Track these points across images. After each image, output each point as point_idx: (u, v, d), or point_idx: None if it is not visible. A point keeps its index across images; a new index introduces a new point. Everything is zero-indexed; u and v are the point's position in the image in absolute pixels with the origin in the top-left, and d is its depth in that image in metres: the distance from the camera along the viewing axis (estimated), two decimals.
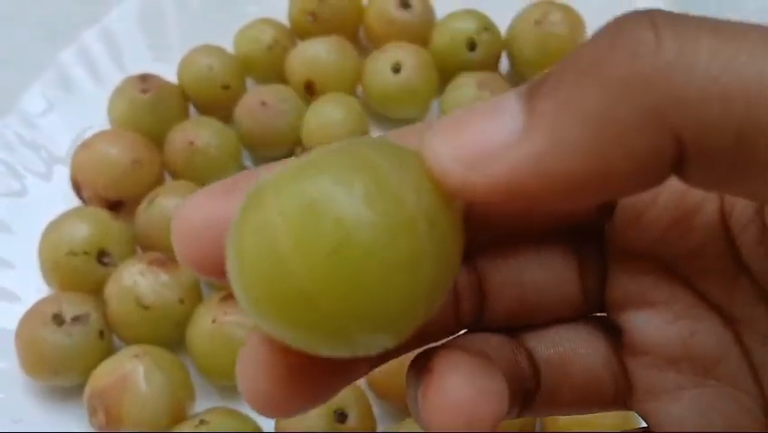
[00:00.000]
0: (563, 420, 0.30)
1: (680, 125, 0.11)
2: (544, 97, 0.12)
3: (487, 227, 0.16)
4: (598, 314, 0.18)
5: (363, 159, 0.12)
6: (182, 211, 0.14)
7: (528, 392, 0.17)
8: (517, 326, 0.17)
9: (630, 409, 0.17)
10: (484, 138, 0.12)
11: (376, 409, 0.32)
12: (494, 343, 0.17)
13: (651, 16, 0.11)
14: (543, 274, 0.17)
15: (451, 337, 0.17)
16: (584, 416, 0.29)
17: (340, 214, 0.11)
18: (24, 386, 0.34)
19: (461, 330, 0.17)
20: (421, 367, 0.15)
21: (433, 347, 0.16)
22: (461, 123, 0.12)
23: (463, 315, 0.17)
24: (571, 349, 0.17)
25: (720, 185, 0.12)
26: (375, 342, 0.12)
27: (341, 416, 0.30)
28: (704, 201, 0.16)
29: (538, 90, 0.12)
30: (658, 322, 0.17)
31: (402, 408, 0.33)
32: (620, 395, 0.17)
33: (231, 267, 0.13)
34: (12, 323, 0.34)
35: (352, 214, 0.11)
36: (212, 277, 0.14)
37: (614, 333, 0.17)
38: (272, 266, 0.12)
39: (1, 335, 0.34)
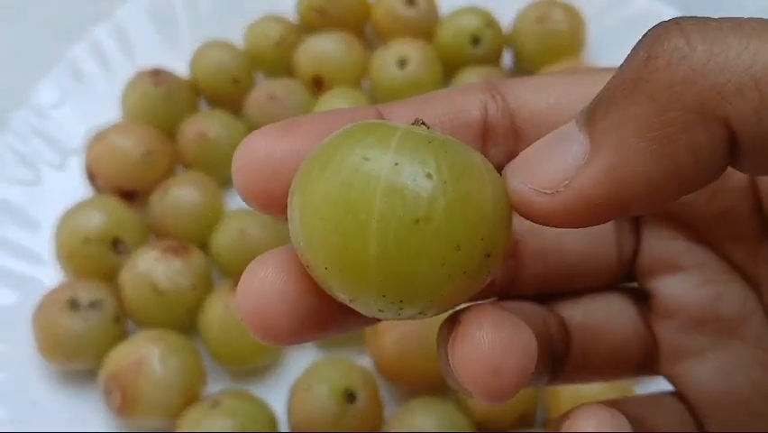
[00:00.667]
0: (567, 403, 0.31)
1: (726, 115, 0.12)
2: (601, 119, 0.13)
3: None
4: (629, 285, 0.19)
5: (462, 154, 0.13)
6: (242, 149, 0.15)
7: (558, 359, 0.18)
8: (549, 293, 0.18)
9: (657, 373, 0.19)
10: (556, 166, 0.13)
11: (383, 392, 0.33)
12: (526, 309, 0.17)
13: (679, 25, 0.12)
14: (584, 241, 0.18)
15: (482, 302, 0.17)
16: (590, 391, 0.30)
17: (424, 193, 0.12)
18: (41, 370, 0.35)
19: (493, 296, 0.18)
20: (451, 322, 0.15)
21: (463, 306, 0.16)
22: (531, 159, 0.13)
23: (497, 280, 0.18)
24: (602, 317, 0.18)
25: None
26: (420, 304, 0.13)
27: (350, 397, 0.31)
28: None
29: (594, 113, 0.13)
30: (687, 286, 0.18)
31: (408, 390, 0.33)
32: (647, 360, 0.18)
33: (297, 202, 0.13)
34: (29, 308, 0.34)
35: (433, 195, 0.12)
36: (268, 211, 0.15)
37: (642, 301, 0.18)
38: (346, 214, 0.12)
39: (18, 320, 0.35)
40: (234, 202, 0.40)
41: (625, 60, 0.13)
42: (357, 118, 0.15)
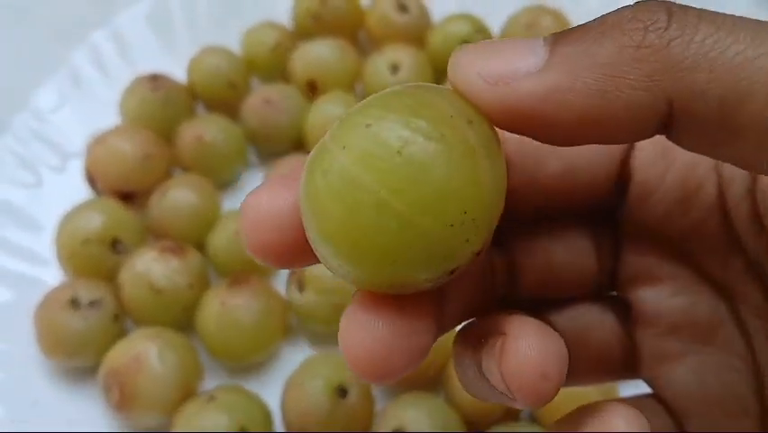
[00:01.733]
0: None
1: (672, 90, 0.13)
2: (567, 44, 0.13)
3: (517, 212, 0.18)
4: (610, 294, 0.20)
5: (403, 91, 0.14)
6: (248, 205, 0.15)
7: None
8: (541, 301, 0.19)
9: (638, 377, 0.19)
10: (509, 64, 0.14)
11: (374, 387, 0.34)
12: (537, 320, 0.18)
13: (667, 5, 0.13)
14: (566, 256, 0.19)
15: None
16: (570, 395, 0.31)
17: (393, 126, 0.13)
18: (41, 368, 0.36)
19: (493, 305, 0.19)
20: (481, 334, 0.16)
21: (483, 318, 0.17)
22: (489, 49, 0.14)
23: (497, 292, 0.19)
24: (586, 325, 0.19)
25: (706, 147, 0.14)
26: (457, 241, 0.13)
27: (342, 392, 0.32)
28: (705, 180, 0.17)
29: (564, 37, 0.14)
30: (663, 295, 0.19)
31: (397, 386, 0.34)
32: (629, 365, 0.19)
33: (307, 218, 0.14)
34: (30, 307, 0.35)
35: (405, 124, 0.13)
36: (282, 264, 0.15)
37: (624, 309, 0.19)
38: (345, 191, 0.13)
39: (19, 319, 0.36)
40: (230, 204, 0.41)
41: (612, 12, 0.14)
42: None
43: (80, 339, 0.35)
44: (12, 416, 0.34)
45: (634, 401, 0.19)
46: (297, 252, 0.15)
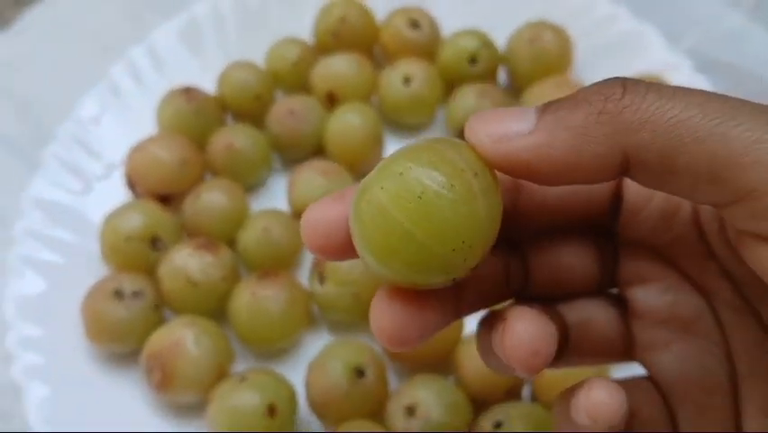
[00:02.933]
0: (549, 379, 0.35)
1: (625, 145, 0.17)
2: (550, 112, 0.17)
3: (530, 226, 0.22)
4: (611, 290, 0.24)
5: (429, 146, 0.18)
6: (308, 216, 0.19)
7: (560, 349, 0.22)
8: (552, 297, 0.23)
9: (634, 360, 0.23)
10: (508, 128, 0.17)
11: (389, 370, 0.37)
12: (536, 309, 0.22)
13: (623, 81, 0.17)
14: (572, 260, 0.23)
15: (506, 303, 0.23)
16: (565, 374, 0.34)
17: (418, 176, 0.17)
18: (87, 352, 0.39)
19: (510, 299, 0.23)
20: (494, 319, 0.20)
21: (496, 308, 0.21)
22: (495, 116, 0.18)
23: (513, 288, 0.23)
24: (591, 316, 0.23)
25: (655, 185, 0.18)
26: (457, 260, 0.17)
27: (359, 373, 0.35)
28: (683, 202, 0.21)
29: (548, 107, 0.18)
30: (653, 293, 0.22)
31: (410, 367, 0.37)
32: (625, 350, 0.23)
33: (354, 232, 0.18)
34: (72, 298, 0.38)
35: (426, 175, 0.17)
36: (332, 258, 0.19)
37: (621, 304, 0.23)
38: (381, 219, 0.17)
39: (66, 308, 0.39)
40: (257, 205, 0.44)
41: (584, 87, 0.18)
42: None
43: (123, 326, 0.37)
44: (58, 395, 0.37)
45: (630, 381, 0.23)
46: (343, 250, 0.19)
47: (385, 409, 0.35)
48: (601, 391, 0.19)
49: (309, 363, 0.36)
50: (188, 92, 0.45)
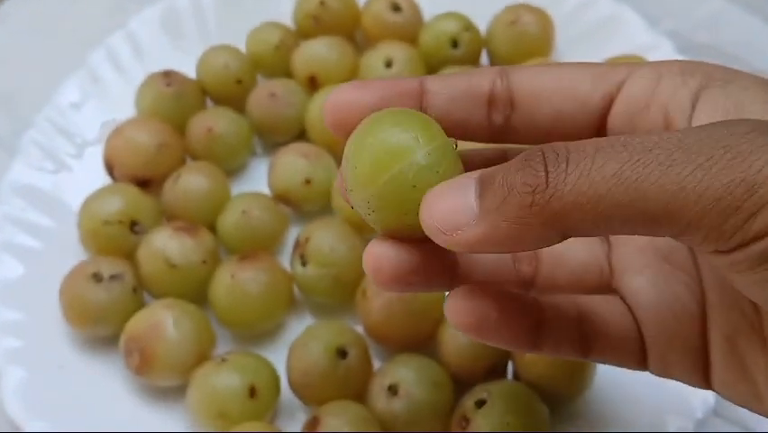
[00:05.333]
0: (531, 357, 0.35)
1: (561, 227, 0.17)
2: (489, 200, 0.18)
3: (522, 142, 0.24)
4: None
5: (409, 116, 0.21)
6: (332, 97, 0.22)
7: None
8: None
9: (609, 292, 0.24)
10: (456, 217, 0.18)
11: (372, 350, 0.36)
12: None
13: (543, 159, 0.17)
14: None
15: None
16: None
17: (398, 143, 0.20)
18: (65, 336, 0.38)
19: (521, 286, 0.25)
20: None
21: None
22: (442, 201, 0.19)
23: (524, 276, 0.25)
24: (567, 247, 0.24)
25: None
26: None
27: (342, 353, 0.35)
28: None
29: (486, 193, 0.18)
30: None
31: (393, 349, 0.37)
32: (604, 280, 0.25)
33: (347, 164, 0.20)
34: (51, 282, 0.38)
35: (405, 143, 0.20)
36: (342, 135, 0.22)
37: (606, 240, 0.25)
38: (370, 162, 0.20)
39: (42, 291, 0.38)
40: (239, 189, 0.43)
41: (506, 171, 0.18)
42: (403, 85, 0.23)
43: (102, 310, 0.37)
44: (37, 379, 0.36)
45: (602, 298, 0.24)
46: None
47: (367, 390, 0.35)
48: (460, 300, 0.21)
49: (291, 345, 0.36)
50: (168, 76, 0.45)
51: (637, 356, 0.23)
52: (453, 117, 0.23)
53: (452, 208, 0.19)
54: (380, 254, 0.21)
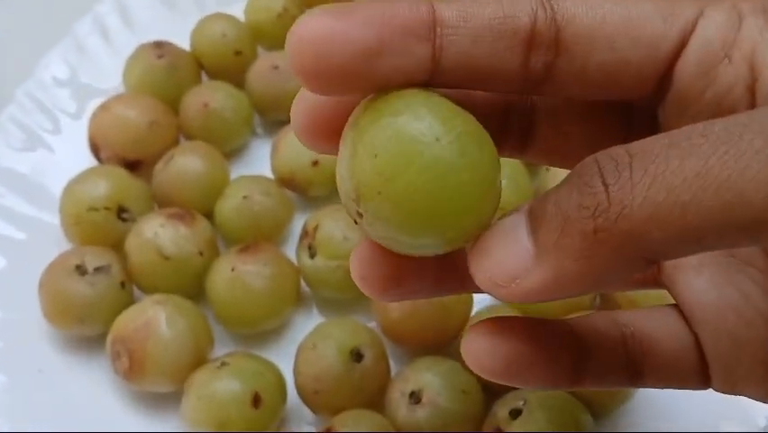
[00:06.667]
0: None
1: (638, 251, 0.15)
2: (544, 236, 0.16)
3: (559, 92, 0.19)
4: None
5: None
6: (300, 26, 0.16)
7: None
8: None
9: (659, 285, 0.22)
10: (510, 266, 0.16)
11: (390, 352, 0.34)
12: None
13: (602, 178, 0.15)
14: (594, 132, 0.21)
15: None
16: None
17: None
18: (47, 336, 0.36)
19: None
20: None
21: None
22: (492, 252, 0.16)
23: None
24: None
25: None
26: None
27: (357, 356, 0.32)
28: (739, 107, 0.18)
29: (539, 228, 0.16)
30: None
31: (412, 350, 0.34)
32: (650, 273, 0.22)
33: (344, 160, 0.16)
34: (32, 275, 0.35)
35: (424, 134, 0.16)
36: (315, 88, 0.16)
37: None
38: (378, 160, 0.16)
39: (22, 287, 0.36)
40: (238, 172, 0.41)
41: (558, 196, 0.16)
42: (406, 14, 0.16)
43: (86, 306, 0.34)
44: (16, 384, 0.34)
45: (649, 310, 0.21)
46: (338, 83, 0.16)
47: (385, 398, 0.32)
48: (480, 339, 0.19)
49: (298, 346, 0.33)
50: (159, 46, 0.43)
51: (698, 374, 0.20)
52: (476, 64, 0.17)
53: (505, 254, 0.16)
54: (370, 257, 0.19)
